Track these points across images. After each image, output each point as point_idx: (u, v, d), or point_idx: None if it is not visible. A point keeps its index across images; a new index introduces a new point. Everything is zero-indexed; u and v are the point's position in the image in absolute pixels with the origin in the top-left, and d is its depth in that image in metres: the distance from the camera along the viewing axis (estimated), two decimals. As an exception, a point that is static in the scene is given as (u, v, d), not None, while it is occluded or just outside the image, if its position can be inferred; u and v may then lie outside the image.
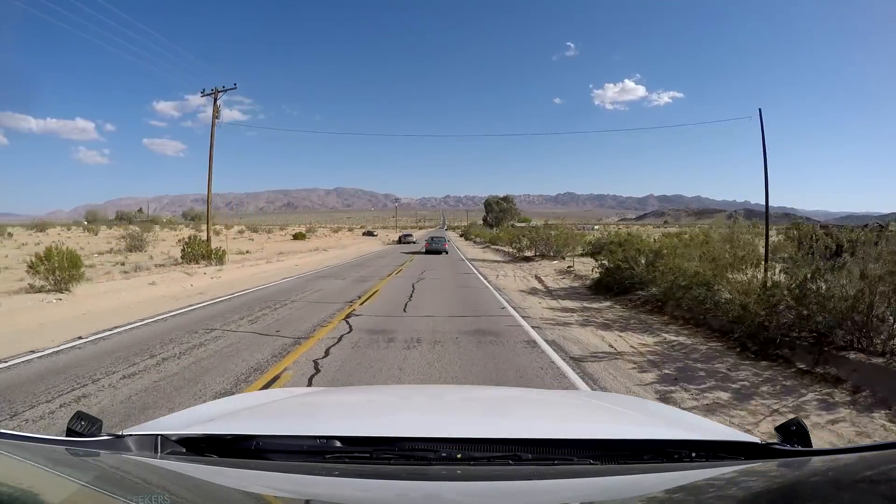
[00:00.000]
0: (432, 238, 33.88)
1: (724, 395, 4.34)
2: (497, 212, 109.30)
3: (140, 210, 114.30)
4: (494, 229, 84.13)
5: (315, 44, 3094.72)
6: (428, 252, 30.13)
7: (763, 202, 11.31)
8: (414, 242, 46.13)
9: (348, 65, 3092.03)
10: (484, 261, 24.69)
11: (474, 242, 55.92)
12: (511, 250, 28.29)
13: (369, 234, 74.41)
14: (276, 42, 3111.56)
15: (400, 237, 50.76)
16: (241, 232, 61.17)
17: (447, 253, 30.65)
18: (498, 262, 24.08)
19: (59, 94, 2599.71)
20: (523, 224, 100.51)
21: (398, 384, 4.42)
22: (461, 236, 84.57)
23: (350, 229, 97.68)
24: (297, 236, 53.31)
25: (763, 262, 7.82)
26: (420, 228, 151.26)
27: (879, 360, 4.50)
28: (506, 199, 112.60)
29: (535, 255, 23.87)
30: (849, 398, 4.13)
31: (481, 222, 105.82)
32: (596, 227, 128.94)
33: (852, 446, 1.61)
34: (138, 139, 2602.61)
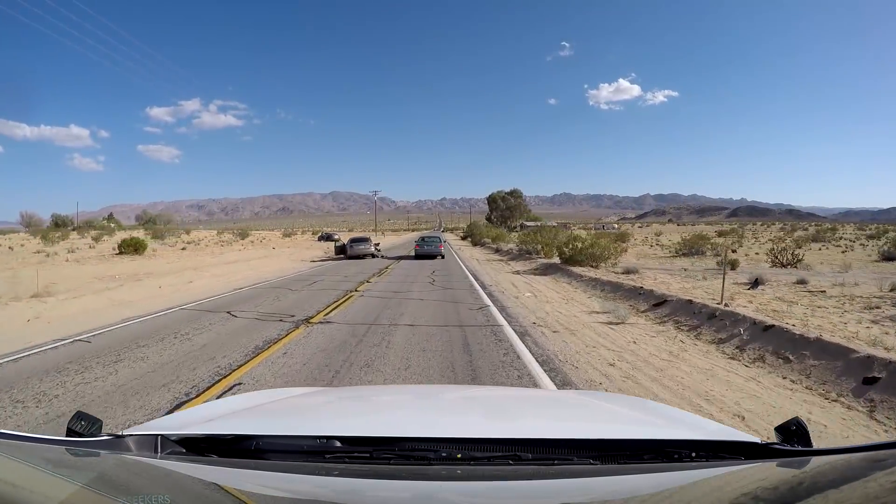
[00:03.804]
0: (424, 239, 25.76)
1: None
2: (503, 209, 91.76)
3: (110, 216, 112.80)
4: (503, 228, 65.55)
5: (310, 49, 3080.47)
6: (418, 257, 23.44)
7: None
8: (374, 255, 24.78)
9: (343, 69, 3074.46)
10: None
11: (496, 252, 30.36)
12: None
13: (327, 237, 50.58)
14: (271, 47, 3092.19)
15: (342, 245, 25.90)
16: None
17: (443, 257, 23.48)
18: None
19: (54, 101, 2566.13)
20: (534, 223, 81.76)
21: (398, 384, 4.27)
22: (464, 239, 59.75)
23: (315, 233, 77.73)
24: (125, 247, 25.68)
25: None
26: (413, 230, 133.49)
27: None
28: (513, 193, 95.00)
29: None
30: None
31: (485, 222, 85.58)
32: (615, 225, 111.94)
33: (852, 446, 1.27)
34: (133, 145, 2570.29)
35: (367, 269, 18.06)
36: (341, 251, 25.43)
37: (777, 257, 16.88)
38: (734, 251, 24.78)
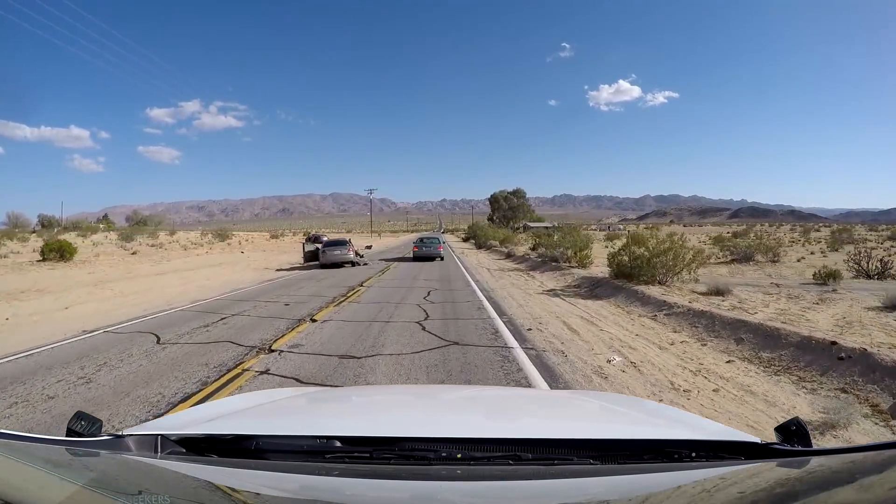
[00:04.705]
0: (423, 240, 24.65)
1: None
2: (505, 209, 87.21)
3: (105, 216, 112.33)
4: (507, 229, 60.23)
5: (311, 49, 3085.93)
6: (416, 259, 22.27)
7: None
8: (355, 262, 19.68)
9: (344, 70, 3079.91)
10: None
11: (507, 258, 24.60)
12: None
13: (315, 239, 43.05)
14: (272, 48, 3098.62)
15: (314, 251, 20.22)
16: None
17: (442, 259, 22.51)
18: None
19: (54, 102, 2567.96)
20: (537, 224, 76.35)
21: (398, 384, 4.24)
22: (466, 241, 54.36)
23: (306, 233, 71.47)
24: (49, 252, 20.56)
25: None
26: (413, 232, 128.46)
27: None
28: (516, 193, 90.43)
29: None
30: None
31: (487, 222, 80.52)
32: (620, 226, 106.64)
33: (852, 446, 1.39)
34: (133, 147, 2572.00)
35: (333, 286, 12.83)
36: (313, 258, 19.87)
37: (861, 265, 14.04)
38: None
